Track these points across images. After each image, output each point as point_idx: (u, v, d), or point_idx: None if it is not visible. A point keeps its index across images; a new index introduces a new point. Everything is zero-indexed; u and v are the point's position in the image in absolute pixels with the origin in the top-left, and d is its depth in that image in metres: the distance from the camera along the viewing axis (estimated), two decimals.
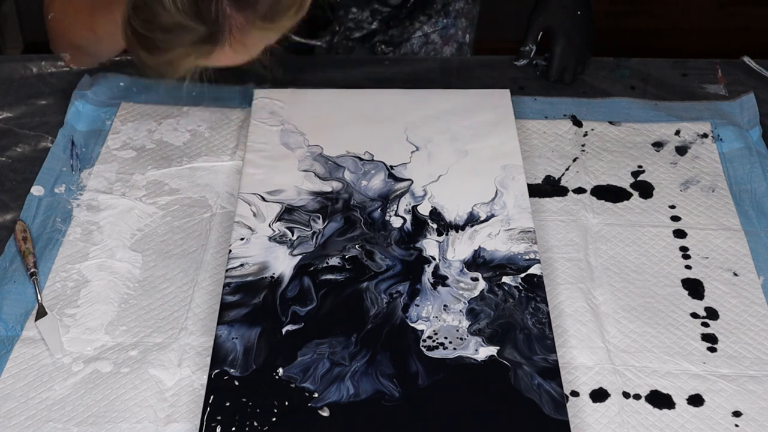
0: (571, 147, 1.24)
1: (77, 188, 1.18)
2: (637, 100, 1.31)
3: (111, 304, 1.04)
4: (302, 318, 0.99)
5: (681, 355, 0.98)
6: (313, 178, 1.16)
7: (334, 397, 0.92)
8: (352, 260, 1.05)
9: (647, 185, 1.18)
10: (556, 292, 1.04)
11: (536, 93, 1.33)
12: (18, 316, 1.02)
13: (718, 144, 1.24)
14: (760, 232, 1.11)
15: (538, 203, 1.15)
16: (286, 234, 1.08)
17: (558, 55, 1.33)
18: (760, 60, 1.38)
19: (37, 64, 1.37)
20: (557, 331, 1.00)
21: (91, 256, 1.09)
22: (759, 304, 1.03)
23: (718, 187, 1.18)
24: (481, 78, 1.37)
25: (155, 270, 1.08)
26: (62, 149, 1.23)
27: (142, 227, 1.13)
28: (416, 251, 1.07)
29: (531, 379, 0.93)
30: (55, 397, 0.95)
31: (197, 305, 1.03)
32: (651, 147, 1.24)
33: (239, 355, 0.95)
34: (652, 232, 1.12)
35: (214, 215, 1.15)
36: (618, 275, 1.07)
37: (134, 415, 0.93)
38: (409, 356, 0.95)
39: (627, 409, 0.93)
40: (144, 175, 1.20)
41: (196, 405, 0.93)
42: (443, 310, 1.00)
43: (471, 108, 1.26)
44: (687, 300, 1.04)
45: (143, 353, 0.98)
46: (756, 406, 0.94)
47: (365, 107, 1.26)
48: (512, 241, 1.07)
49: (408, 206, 1.12)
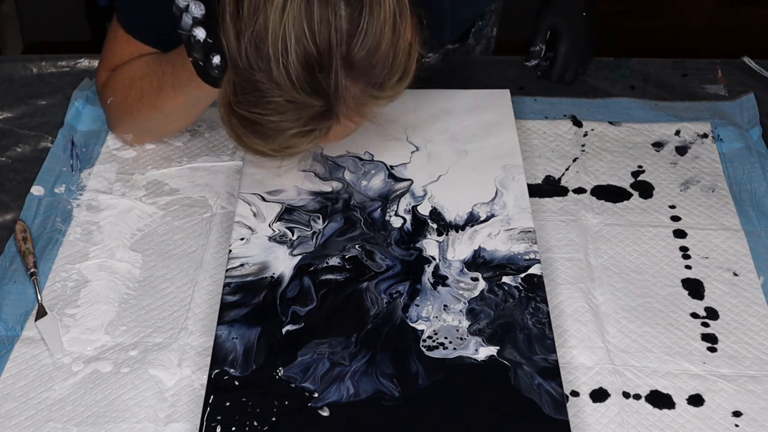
0: (571, 147, 1.24)
1: (77, 188, 1.18)
2: (637, 100, 1.31)
3: (111, 304, 1.04)
4: (302, 318, 0.99)
5: (681, 355, 0.98)
6: (313, 178, 1.16)
7: (334, 397, 0.92)
8: (352, 260, 1.05)
9: (647, 185, 1.18)
10: (556, 292, 1.04)
11: (536, 93, 1.33)
12: (18, 316, 1.02)
13: (718, 144, 1.24)
14: (760, 232, 1.11)
15: (538, 203, 1.15)
16: (286, 234, 1.08)
17: (562, 55, 1.33)
18: (760, 60, 1.38)
19: (37, 64, 1.38)
20: (557, 331, 1.00)
21: (91, 256, 1.09)
22: (759, 304, 1.03)
23: (718, 187, 1.18)
24: (481, 78, 1.37)
25: (155, 270, 1.08)
26: (62, 149, 1.23)
27: (142, 227, 1.13)
28: (416, 251, 1.07)
29: (531, 379, 0.93)
30: (55, 397, 0.95)
31: (197, 305, 1.03)
32: (651, 147, 1.24)
33: (239, 355, 0.95)
34: (652, 232, 1.12)
35: (214, 215, 1.15)
36: (618, 275, 1.07)
37: (134, 415, 0.93)
38: (409, 356, 0.95)
39: (627, 409, 0.93)
40: (144, 175, 1.20)
41: (196, 405, 0.93)
42: (443, 310, 1.00)
43: (471, 108, 1.26)
44: (687, 300, 1.04)
45: (143, 353, 0.98)
46: (756, 406, 0.94)
47: None
48: (512, 241, 1.07)
49: (408, 206, 1.12)
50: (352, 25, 0.87)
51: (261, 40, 0.86)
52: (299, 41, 0.85)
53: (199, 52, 0.96)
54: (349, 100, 0.91)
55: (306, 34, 0.85)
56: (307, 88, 0.87)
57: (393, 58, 0.91)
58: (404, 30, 0.91)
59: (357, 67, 0.89)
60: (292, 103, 0.88)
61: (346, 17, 0.86)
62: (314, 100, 0.88)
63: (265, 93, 0.87)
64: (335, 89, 0.89)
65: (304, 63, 0.86)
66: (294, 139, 0.92)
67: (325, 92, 0.88)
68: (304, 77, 0.86)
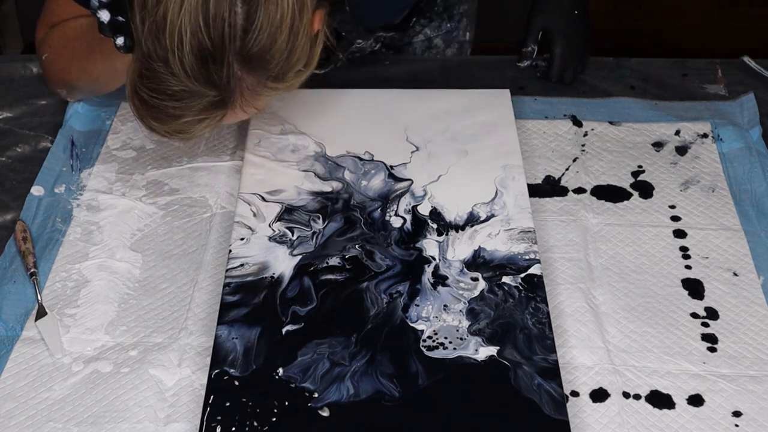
0: (571, 147, 1.24)
1: (77, 188, 1.18)
2: (637, 100, 1.31)
3: (111, 304, 1.04)
4: (302, 318, 0.99)
5: (681, 355, 0.98)
6: (313, 178, 1.16)
7: (334, 397, 0.92)
8: (352, 260, 1.05)
9: (647, 185, 1.18)
10: (556, 292, 1.04)
11: (536, 93, 1.33)
12: (18, 316, 1.02)
13: (718, 144, 1.24)
14: (760, 232, 1.11)
15: (538, 203, 1.15)
16: (286, 234, 1.08)
17: (558, 56, 1.33)
18: (760, 60, 1.38)
19: (37, 64, 1.37)
20: (557, 331, 1.00)
21: (91, 256, 1.09)
22: (759, 304, 1.03)
23: (718, 187, 1.18)
24: (481, 78, 1.37)
25: (155, 270, 1.08)
26: (62, 149, 1.23)
27: (142, 227, 1.13)
28: (416, 251, 1.07)
29: (531, 379, 0.93)
30: (55, 397, 0.95)
31: (197, 305, 1.03)
32: (651, 147, 1.24)
33: (239, 355, 0.95)
34: (652, 232, 1.12)
35: (214, 215, 1.15)
36: (618, 275, 1.07)
37: (134, 415, 0.93)
38: (409, 356, 0.95)
39: (627, 409, 0.93)
40: (144, 175, 1.20)
41: (196, 405, 0.93)
42: (443, 310, 1.00)
43: (471, 108, 1.26)
44: (687, 300, 1.04)
45: (143, 353, 0.98)
46: (756, 406, 0.94)
47: (365, 107, 1.26)
48: (512, 241, 1.07)
49: (408, 206, 1.12)
50: (247, 22, 0.89)
51: (160, 30, 0.89)
52: (194, 34, 0.88)
53: (106, 31, 0.99)
54: (245, 91, 0.93)
55: (201, 27, 0.88)
56: (201, 79, 0.90)
57: (290, 52, 0.93)
58: (304, 25, 0.93)
59: (252, 61, 0.91)
60: (186, 92, 0.91)
61: (242, 14, 0.88)
62: (208, 90, 0.91)
63: (163, 80, 0.90)
64: (227, 81, 0.91)
65: (198, 55, 0.89)
66: (187, 125, 0.95)
67: (219, 83, 0.91)
68: (198, 68, 0.89)
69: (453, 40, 1.48)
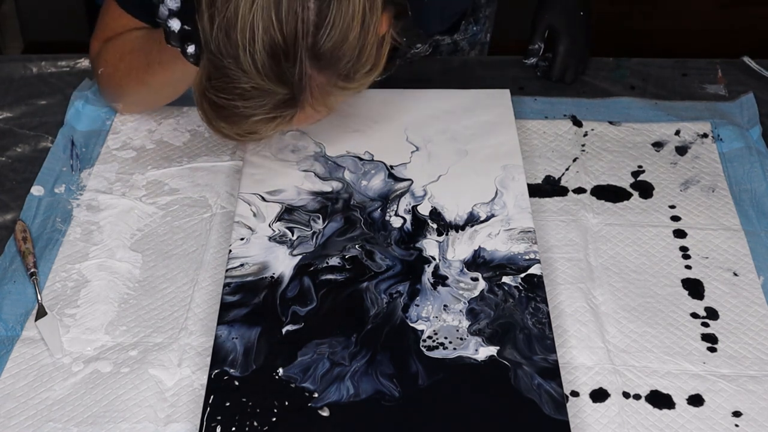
0: (571, 147, 1.24)
1: (77, 188, 1.18)
2: (637, 99, 1.31)
3: (111, 304, 1.04)
4: (302, 318, 0.99)
5: (681, 355, 0.98)
6: (313, 178, 1.16)
7: (334, 397, 0.92)
8: (352, 260, 1.05)
9: (647, 185, 1.18)
10: (556, 292, 1.04)
11: (536, 93, 1.33)
12: (18, 316, 1.02)
13: (718, 144, 1.24)
14: (760, 232, 1.11)
15: (538, 203, 1.15)
16: (286, 234, 1.08)
17: (561, 55, 1.33)
18: (760, 60, 1.38)
19: (37, 64, 1.38)
20: (557, 331, 1.00)
21: (91, 256, 1.09)
22: (759, 304, 1.03)
23: (718, 187, 1.18)
24: (481, 78, 1.37)
25: (155, 270, 1.08)
26: (62, 149, 1.23)
27: (142, 227, 1.13)
28: (416, 251, 1.07)
29: (531, 379, 0.93)
30: (55, 397, 0.95)
31: (197, 305, 1.03)
32: (651, 147, 1.24)
33: (239, 355, 0.95)
34: (652, 232, 1.12)
35: (214, 215, 1.15)
36: (618, 275, 1.07)
37: (134, 415, 0.93)
38: (409, 356, 0.95)
39: (627, 409, 0.93)
40: (144, 175, 1.20)
41: (196, 405, 0.93)
42: (443, 310, 1.00)
43: (471, 108, 1.26)
44: (687, 300, 1.04)
45: (143, 353, 0.98)
46: (756, 406, 0.94)
47: (365, 107, 1.26)
48: (512, 241, 1.07)
49: (408, 206, 1.12)
50: (319, 18, 0.89)
51: (231, 27, 0.88)
52: (267, 30, 0.87)
53: (176, 40, 0.99)
54: (315, 90, 0.93)
55: (273, 23, 0.87)
56: (272, 76, 0.90)
57: (360, 50, 0.93)
58: (374, 23, 0.93)
59: (323, 59, 0.91)
60: (257, 90, 0.91)
61: (314, 9, 0.88)
62: (279, 88, 0.91)
63: (233, 79, 0.90)
64: (299, 78, 0.91)
65: (270, 51, 0.88)
66: (258, 125, 0.94)
67: (290, 81, 0.91)
68: (269, 65, 0.89)
69: (477, 42, 1.48)
